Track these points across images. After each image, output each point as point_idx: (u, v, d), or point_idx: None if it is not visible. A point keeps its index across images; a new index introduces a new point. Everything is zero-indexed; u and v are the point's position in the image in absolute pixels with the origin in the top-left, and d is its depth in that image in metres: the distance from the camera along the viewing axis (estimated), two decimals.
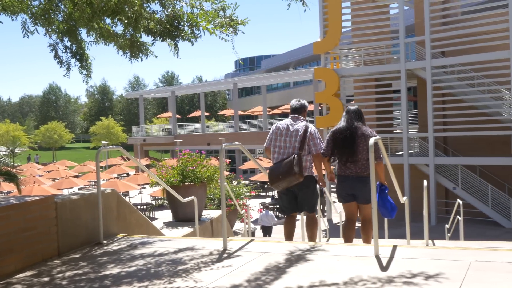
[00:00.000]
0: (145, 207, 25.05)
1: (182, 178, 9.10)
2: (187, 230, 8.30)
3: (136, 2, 5.02)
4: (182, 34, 5.35)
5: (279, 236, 15.30)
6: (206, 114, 56.50)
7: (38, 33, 5.42)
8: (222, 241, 4.88)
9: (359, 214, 6.00)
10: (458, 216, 10.95)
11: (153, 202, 27.46)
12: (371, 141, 4.38)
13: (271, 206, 22.90)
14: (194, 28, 5.32)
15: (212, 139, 42.46)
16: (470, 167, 21.14)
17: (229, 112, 56.70)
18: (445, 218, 17.87)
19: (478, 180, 20.79)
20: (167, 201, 10.66)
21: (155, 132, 50.79)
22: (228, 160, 34.46)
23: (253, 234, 16.57)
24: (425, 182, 8.38)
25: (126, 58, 5.67)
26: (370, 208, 5.29)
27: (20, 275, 4.32)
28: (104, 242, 5.39)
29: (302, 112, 5.98)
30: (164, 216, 13.41)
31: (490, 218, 19.94)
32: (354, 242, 6.03)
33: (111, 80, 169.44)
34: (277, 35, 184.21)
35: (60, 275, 4.29)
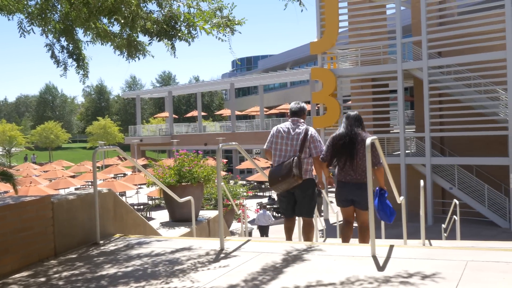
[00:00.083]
0: (142, 207, 25.04)
1: (179, 178, 9.08)
2: (184, 230, 8.28)
3: (132, 2, 5.02)
4: (179, 34, 5.34)
5: (276, 236, 15.31)
6: (203, 114, 56.47)
7: (34, 33, 5.42)
8: (219, 241, 4.88)
9: (356, 219, 6.02)
10: (454, 216, 10.99)
11: (150, 202, 27.47)
12: (368, 141, 4.39)
13: (268, 206, 22.92)
14: (191, 28, 5.32)
15: (209, 139, 42.43)
16: (466, 167, 21.17)
17: (226, 112, 56.68)
18: (441, 218, 17.89)
19: (475, 180, 20.83)
20: (164, 201, 10.65)
21: (152, 132, 50.71)
22: (225, 160, 34.55)
23: (250, 234, 16.57)
24: (421, 182, 8.39)
25: (123, 58, 5.66)
26: (368, 215, 5.30)
27: (17, 276, 4.31)
28: (101, 242, 5.38)
29: (302, 115, 6.02)
30: (161, 216, 13.41)
31: (486, 218, 19.98)
32: (351, 242, 6.05)
33: (108, 80, 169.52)
34: (274, 35, 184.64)
35: (56, 275, 4.28)
